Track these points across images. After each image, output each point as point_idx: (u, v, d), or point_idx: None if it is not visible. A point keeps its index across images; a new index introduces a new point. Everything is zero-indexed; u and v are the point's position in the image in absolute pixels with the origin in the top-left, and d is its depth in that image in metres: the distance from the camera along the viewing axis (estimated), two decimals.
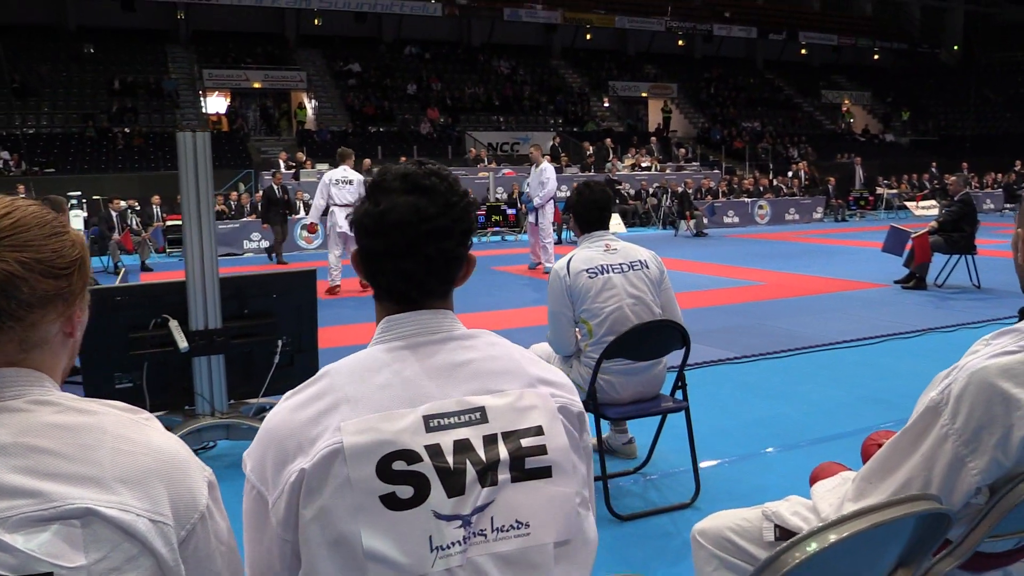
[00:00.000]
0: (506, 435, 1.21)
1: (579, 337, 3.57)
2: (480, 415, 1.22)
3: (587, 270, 3.47)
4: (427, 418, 1.19)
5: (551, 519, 1.21)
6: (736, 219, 20.41)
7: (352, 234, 1.35)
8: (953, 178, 9.68)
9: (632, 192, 21.58)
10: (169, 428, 1.23)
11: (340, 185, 10.47)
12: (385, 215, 1.24)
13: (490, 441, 1.20)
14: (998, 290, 9.00)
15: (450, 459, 1.17)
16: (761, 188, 21.42)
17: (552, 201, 11.71)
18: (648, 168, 22.89)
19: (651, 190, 21.17)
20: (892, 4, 41.32)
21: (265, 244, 16.17)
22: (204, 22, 31.05)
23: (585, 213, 3.60)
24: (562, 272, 3.53)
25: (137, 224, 16.37)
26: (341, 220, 10.39)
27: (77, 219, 16.66)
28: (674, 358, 3.67)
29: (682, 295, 9.19)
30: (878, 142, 34.31)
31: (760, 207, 20.70)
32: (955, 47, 42.17)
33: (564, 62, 36.28)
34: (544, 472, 1.21)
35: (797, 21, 37.74)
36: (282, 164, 20.82)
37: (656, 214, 20.21)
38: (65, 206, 6.93)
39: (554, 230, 16.83)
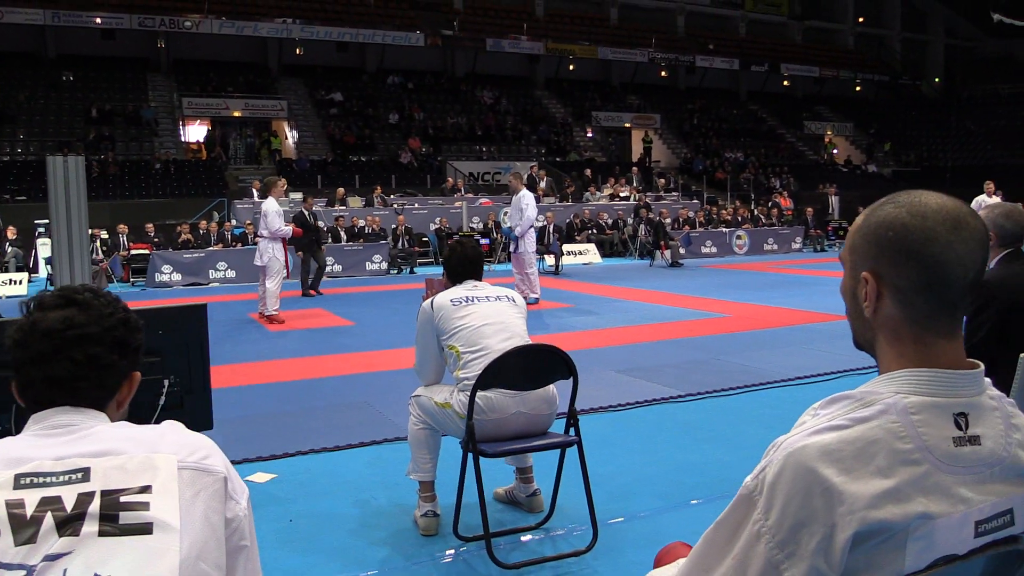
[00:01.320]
0: (106, 492, 1.19)
1: (449, 364, 3.50)
2: (82, 475, 1.21)
3: (452, 300, 3.50)
4: (19, 476, 1.19)
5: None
6: (714, 249, 20.21)
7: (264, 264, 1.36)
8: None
9: (610, 222, 21.37)
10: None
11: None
12: (35, 325, 1.28)
13: (85, 497, 1.18)
14: None
15: (29, 511, 1.16)
16: (740, 218, 21.24)
17: (532, 229, 11.42)
18: (627, 198, 22.69)
19: (629, 220, 20.95)
20: (874, 37, 41.64)
21: (231, 274, 15.88)
22: (186, 51, 30.95)
23: (458, 267, 3.67)
24: (428, 308, 3.52)
25: (97, 253, 16.05)
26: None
27: (45, 247, 16.38)
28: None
29: (642, 328, 8.98)
30: (860, 173, 34.32)
31: (738, 237, 20.51)
32: (936, 79, 42.49)
33: (548, 92, 36.31)
34: (143, 528, 1.18)
35: (779, 53, 37.95)
36: (255, 192, 20.59)
37: (633, 244, 19.99)
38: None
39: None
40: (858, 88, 39.63)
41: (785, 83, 38.36)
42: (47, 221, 18.21)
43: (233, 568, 1.29)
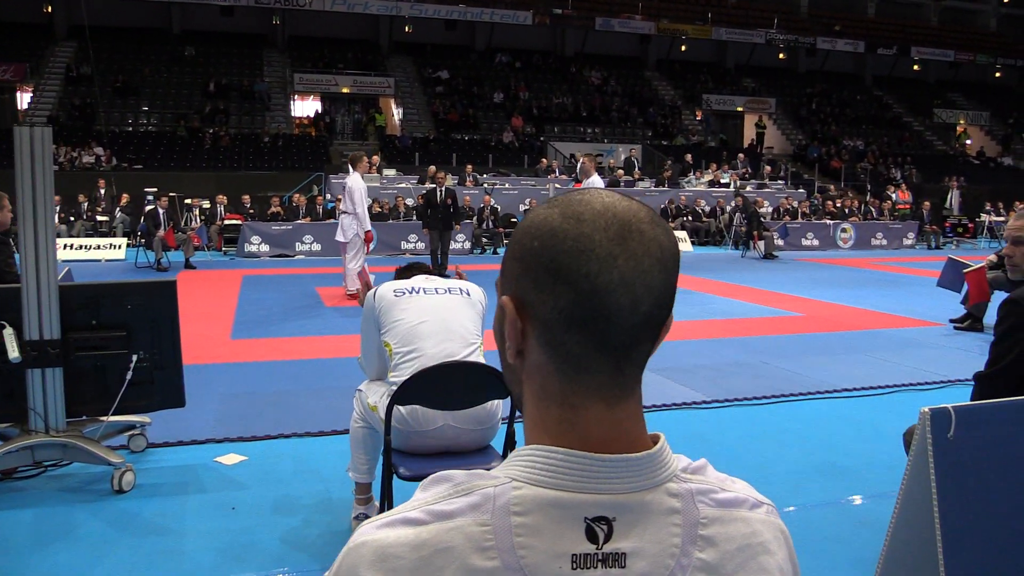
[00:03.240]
0: None
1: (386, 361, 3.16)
2: None
3: (395, 290, 3.16)
4: None
5: None
6: (816, 242, 19.13)
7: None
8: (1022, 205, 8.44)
9: (707, 209, 20.58)
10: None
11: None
12: None
13: None
14: None
15: None
16: (847, 210, 20.02)
17: None
18: (727, 185, 21.78)
19: (727, 208, 20.10)
20: (1020, 19, 38.39)
21: (317, 247, 16.16)
22: (301, 27, 31.77)
23: (406, 267, 3.45)
24: (371, 298, 3.20)
25: (192, 221, 16.67)
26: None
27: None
28: None
29: (700, 323, 8.47)
30: (994, 165, 31.82)
31: (843, 230, 19.33)
32: None
33: (658, 74, 35.35)
34: None
35: (910, 35, 35.53)
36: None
37: (728, 233, 19.17)
38: None
39: None
40: (998, 74, 36.69)
41: (916, 67, 35.95)
42: (155, 189, 19.21)
43: None
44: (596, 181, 10.73)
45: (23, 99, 27.37)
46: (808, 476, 4.01)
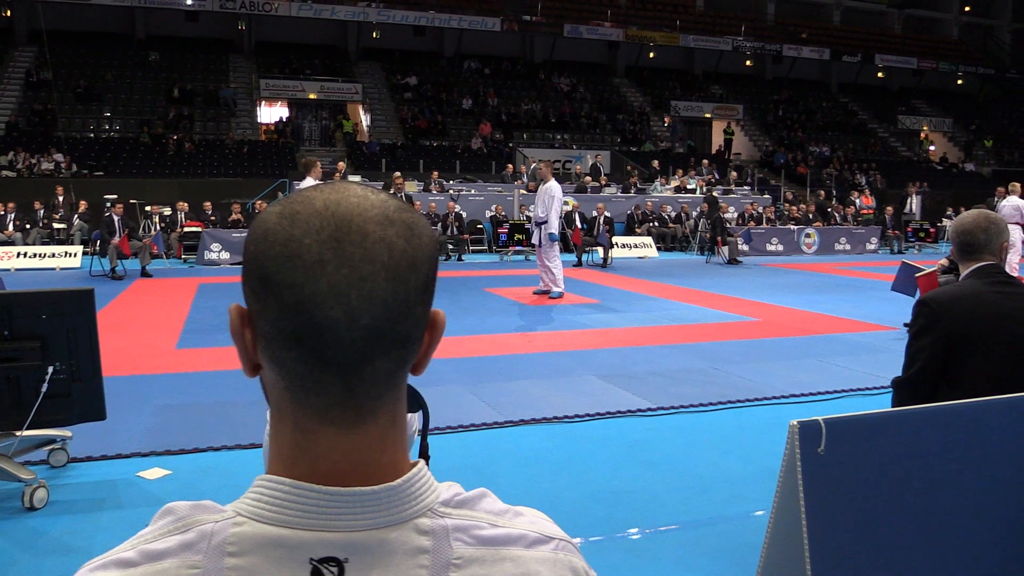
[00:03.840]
0: None
1: None
2: None
3: None
4: None
5: None
6: (780, 247, 19.23)
7: None
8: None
9: (673, 215, 20.63)
10: None
11: None
12: None
13: None
14: None
15: None
16: (810, 215, 20.16)
17: (561, 221, 10.94)
18: (693, 190, 21.86)
19: (693, 214, 20.17)
20: (981, 27, 39.03)
21: None
22: (268, 33, 31.52)
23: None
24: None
25: (151, 228, 16.41)
26: None
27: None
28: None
29: (656, 329, 8.43)
30: (956, 171, 32.26)
31: (807, 235, 19.46)
32: None
33: (627, 80, 35.49)
34: None
35: (874, 43, 36.00)
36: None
37: (694, 239, 19.22)
38: None
39: (576, 252, 16.15)
40: (960, 81, 37.27)
41: (880, 75, 36.41)
42: (114, 196, 18.91)
43: None
44: (553, 186, 10.68)
45: None
46: (746, 484, 3.95)
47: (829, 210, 20.97)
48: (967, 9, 38.76)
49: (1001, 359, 2.57)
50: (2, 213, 16.61)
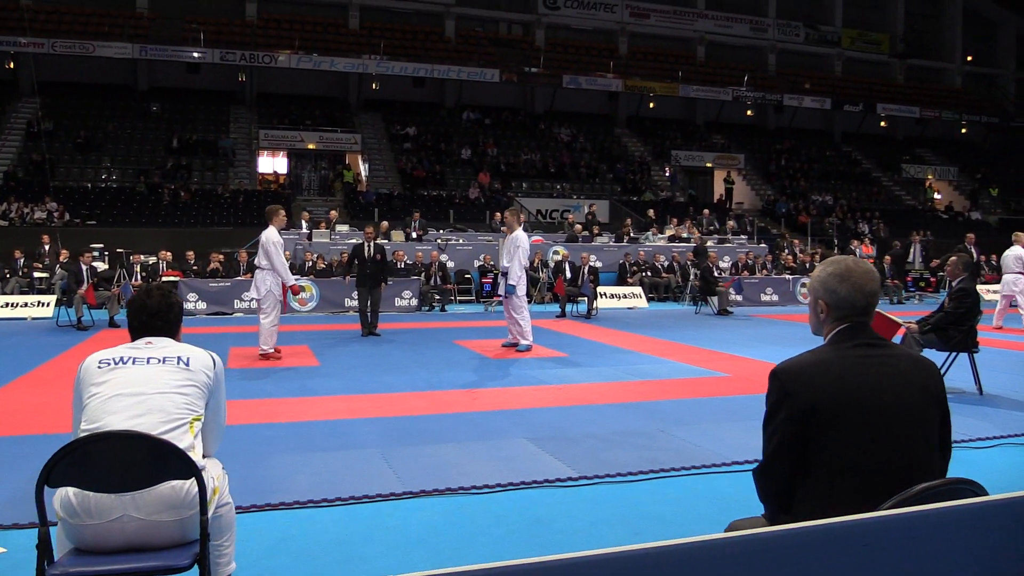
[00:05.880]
0: None
1: None
2: None
3: (100, 360, 2.75)
4: None
5: None
6: (775, 297, 18.78)
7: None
8: (953, 258, 7.94)
9: (666, 264, 20.24)
10: None
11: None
12: None
13: None
14: (1003, 398, 7.38)
15: None
16: (806, 264, 19.72)
17: (524, 273, 10.54)
18: (688, 240, 21.49)
19: (686, 264, 19.78)
20: (984, 76, 38.88)
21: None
22: (269, 85, 31.77)
23: (134, 320, 2.93)
24: (80, 367, 2.78)
25: (132, 278, 16.18)
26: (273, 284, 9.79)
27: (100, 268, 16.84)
28: None
29: (615, 386, 7.97)
30: (962, 220, 31.78)
31: (803, 285, 18.99)
32: None
33: (628, 130, 35.47)
34: None
35: (877, 92, 35.88)
36: (304, 223, 20.49)
37: (686, 289, 18.79)
38: None
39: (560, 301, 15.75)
40: (964, 130, 36.99)
41: (882, 123, 36.21)
42: (100, 245, 18.76)
43: None
44: (520, 236, 10.34)
45: None
46: None
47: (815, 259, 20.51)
48: (970, 59, 38.66)
49: (861, 438, 2.16)
50: None
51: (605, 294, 17.42)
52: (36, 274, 17.12)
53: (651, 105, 34.40)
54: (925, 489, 2.05)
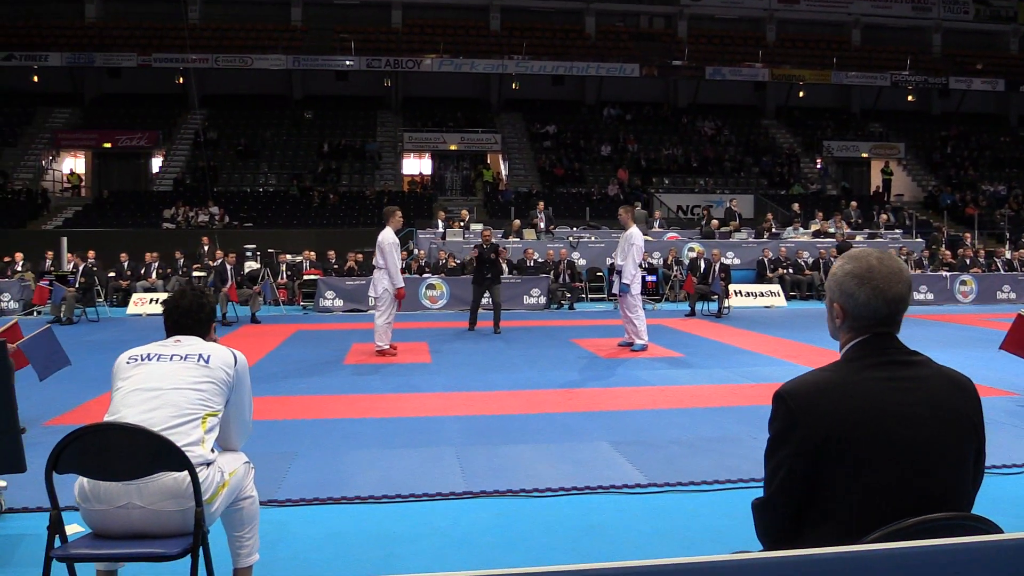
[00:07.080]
0: None
1: None
2: None
3: (130, 357, 2.90)
4: None
5: None
6: (930, 296, 17.43)
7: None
8: None
9: (810, 261, 19.23)
10: None
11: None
12: None
13: None
14: None
15: None
16: (967, 260, 18.18)
17: (639, 271, 10.29)
18: (833, 235, 20.32)
19: (830, 260, 18.68)
20: None
21: None
22: (414, 89, 32.77)
23: (167, 320, 3.07)
24: (116, 362, 2.94)
25: (282, 276, 17.12)
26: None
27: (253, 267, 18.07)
28: None
29: (723, 389, 7.61)
30: None
31: (963, 283, 17.53)
32: None
33: (776, 121, 34.01)
34: None
35: None
36: (439, 222, 20.96)
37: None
38: None
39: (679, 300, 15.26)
40: None
41: None
42: (253, 245, 19.95)
43: None
44: (634, 233, 10.09)
45: (155, 164, 29.49)
46: None
47: (978, 255, 18.86)
48: None
49: (881, 477, 1.85)
50: (148, 262, 17.90)
51: (740, 292, 16.76)
52: (195, 273, 18.44)
53: (801, 94, 32.80)
54: (921, 522, 1.78)
